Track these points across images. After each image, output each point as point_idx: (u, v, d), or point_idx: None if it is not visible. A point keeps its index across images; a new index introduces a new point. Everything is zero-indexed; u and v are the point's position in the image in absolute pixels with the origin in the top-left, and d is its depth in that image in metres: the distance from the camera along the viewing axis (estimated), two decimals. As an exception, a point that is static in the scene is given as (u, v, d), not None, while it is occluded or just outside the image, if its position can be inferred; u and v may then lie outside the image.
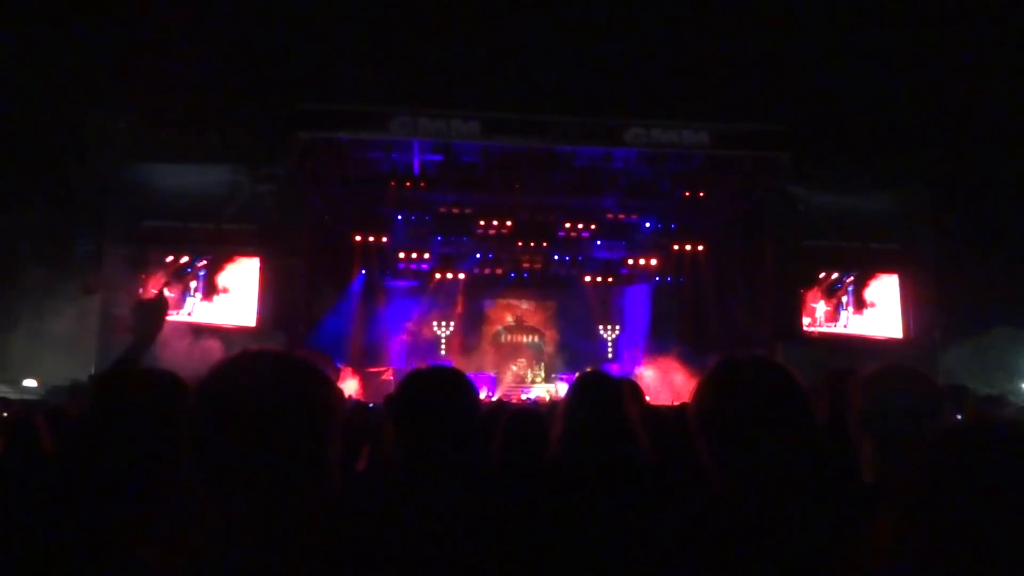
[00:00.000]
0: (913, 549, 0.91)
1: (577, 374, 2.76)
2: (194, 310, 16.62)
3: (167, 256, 16.72)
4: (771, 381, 1.54)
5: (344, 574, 1.52)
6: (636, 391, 3.47)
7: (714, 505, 1.48)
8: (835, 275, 18.18)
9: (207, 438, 1.10)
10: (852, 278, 18.20)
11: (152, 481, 1.61)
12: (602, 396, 2.40)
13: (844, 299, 18.20)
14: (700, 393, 1.59)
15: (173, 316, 16.42)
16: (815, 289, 18.10)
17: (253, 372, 1.15)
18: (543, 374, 20.77)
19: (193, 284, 16.74)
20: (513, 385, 20.04)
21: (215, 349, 13.92)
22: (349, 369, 17.51)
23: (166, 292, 15.71)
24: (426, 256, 20.50)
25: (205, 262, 16.85)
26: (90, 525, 1.61)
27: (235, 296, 16.92)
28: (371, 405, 7.54)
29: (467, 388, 2.16)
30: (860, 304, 18.22)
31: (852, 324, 18.15)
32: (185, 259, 16.80)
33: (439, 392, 2.11)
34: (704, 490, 1.53)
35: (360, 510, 1.97)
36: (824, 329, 18.06)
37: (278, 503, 1.09)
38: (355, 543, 1.87)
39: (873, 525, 0.98)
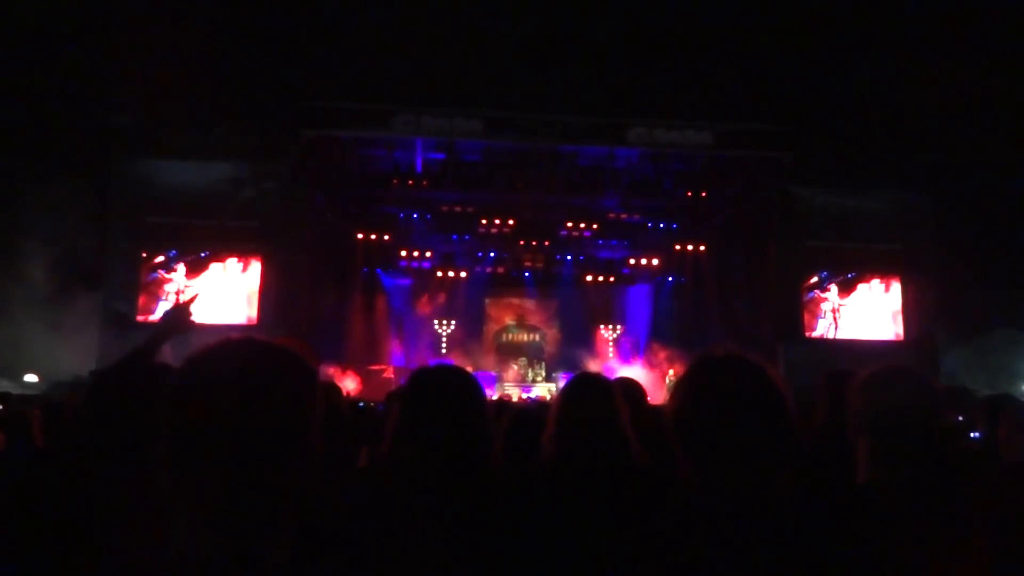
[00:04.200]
0: None
1: (573, 375, 2.78)
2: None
3: (169, 252, 16.72)
4: (745, 378, 1.51)
5: (342, 571, 1.52)
6: (634, 392, 3.46)
7: (694, 505, 1.47)
8: (837, 276, 18.16)
9: (183, 429, 1.07)
10: (853, 279, 18.18)
11: (142, 476, 1.59)
12: (593, 397, 2.41)
13: (844, 301, 18.18)
14: (674, 392, 1.57)
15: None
16: (816, 290, 18.08)
17: (231, 360, 1.12)
18: (544, 373, 20.77)
19: (180, 284, 16.70)
20: (514, 384, 20.04)
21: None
22: (350, 370, 17.54)
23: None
24: (428, 254, 20.50)
25: (184, 264, 16.76)
26: (80, 520, 1.61)
27: (235, 295, 16.91)
28: (370, 404, 7.53)
29: (475, 387, 2.17)
30: (861, 306, 18.20)
31: (853, 326, 18.13)
32: (171, 254, 16.73)
33: (447, 391, 2.11)
34: (688, 490, 1.51)
35: (360, 507, 1.97)
36: (825, 332, 18.04)
37: (257, 497, 1.06)
38: (354, 539, 1.87)
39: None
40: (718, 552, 1.36)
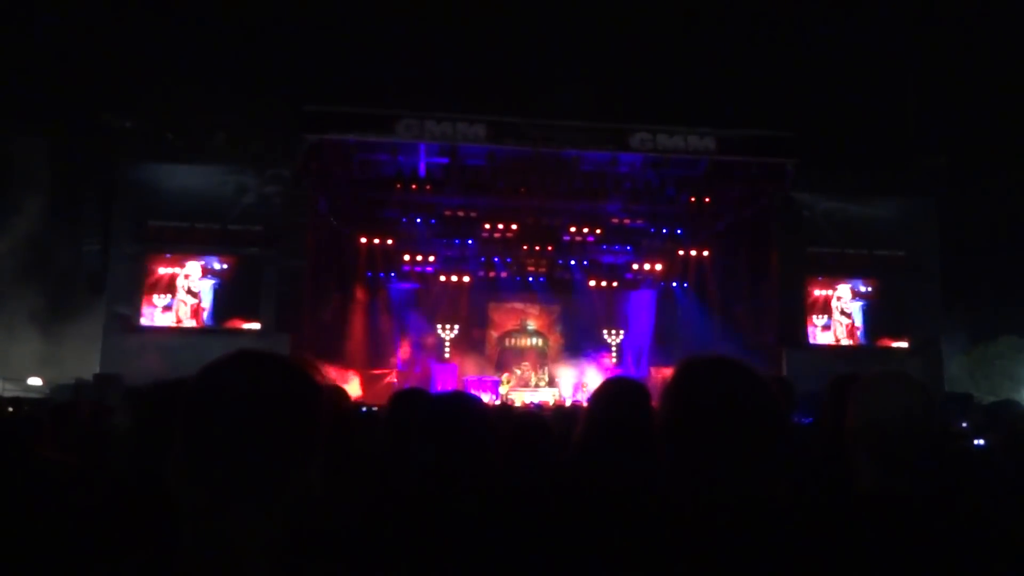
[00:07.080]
0: None
1: (605, 379, 2.77)
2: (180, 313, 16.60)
3: (173, 256, 16.73)
4: (733, 381, 1.47)
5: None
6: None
7: (683, 510, 1.43)
8: (840, 282, 18.12)
9: (195, 434, 1.11)
10: (856, 285, 18.14)
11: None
12: (630, 402, 2.40)
13: (847, 307, 18.14)
14: (663, 396, 1.53)
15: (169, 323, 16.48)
16: (819, 296, 18.04)
17: (241, 372, 1.16)
18: (547, 378, 20.75)
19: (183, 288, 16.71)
20: (517, 389, 20.01)
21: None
22: (353, 373, 17.55)
23: None
24: (431, 259, 20.50)
25: (188, 268, 16.77)
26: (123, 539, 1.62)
27: (238, 299, 16.92)
28: (372, 408, 7.52)
29: (485, 421, 2.19)
30: (864, 312, 18.16)
31: (856, 332, 18.08)
32: (175, 258, 16.76)
33: (461, 426, 2.14)
34: (677, 495, 1.48)
35: (363, 512, 1.97)
36: (829, 338, 18.00)
37: (262, 507, 1.10)
38: (356, 544, 1.87)
39: None
40: (706, 558, 1.34)
